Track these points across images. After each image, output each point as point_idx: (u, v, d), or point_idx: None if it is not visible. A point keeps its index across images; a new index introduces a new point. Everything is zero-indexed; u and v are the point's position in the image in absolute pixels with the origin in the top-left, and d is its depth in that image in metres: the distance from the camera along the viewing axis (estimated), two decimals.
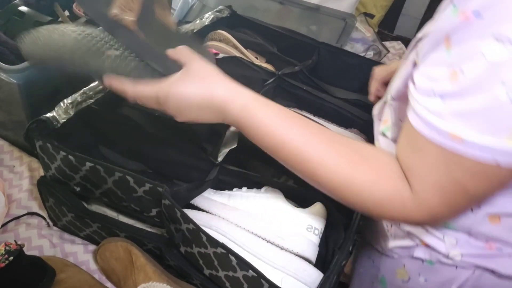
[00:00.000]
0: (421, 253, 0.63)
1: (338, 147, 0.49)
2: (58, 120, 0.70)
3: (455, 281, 0.61)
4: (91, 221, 0.71)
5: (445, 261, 0.61)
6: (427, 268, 0.63)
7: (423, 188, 0.45)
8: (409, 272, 0.65)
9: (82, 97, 0.75)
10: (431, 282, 0.63)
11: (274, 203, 0.65)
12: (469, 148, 0.41)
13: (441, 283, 0.62)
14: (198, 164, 0.73)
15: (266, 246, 0.62)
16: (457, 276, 0.60)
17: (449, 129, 0.41)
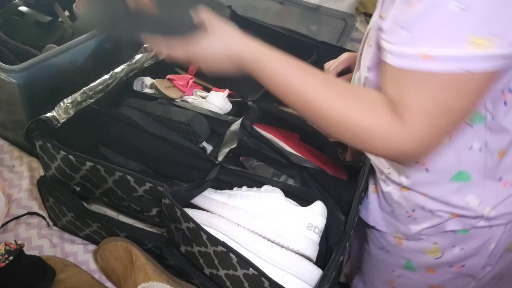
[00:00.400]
0: (453, 225, 0.64)
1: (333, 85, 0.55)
2: (58, 120, 0.70)
3: (492, 240, 0.63)
4: (91, 221, 0.71)
5: (480, 225, 0.62)
6: (461, 238, 0.64)
7: (409, 114, 0.47)
8: (442, 248, 0.67)
9: (82, 97, 0.75)
10: (467, 250, 0.65)
11: (274, 202, 0.65)
12: (440, 63, 0.44)
13: (478, 247, 0.64)
14: (198, 163, 0.73)
15: (267, 244, 0.62)
16: (492, 235, 0.62)
17: (418, 51, 0.45)
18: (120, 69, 0.83)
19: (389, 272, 0.76)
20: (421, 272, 0.71)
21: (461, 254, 0.66)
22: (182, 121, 0.78)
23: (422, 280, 0.72)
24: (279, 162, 0.78)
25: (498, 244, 0.63)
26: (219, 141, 0.78)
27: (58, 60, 0.86)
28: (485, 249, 0.64)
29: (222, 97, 0.88)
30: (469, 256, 0.65)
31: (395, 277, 0.75)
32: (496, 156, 0.58)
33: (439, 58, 0.44)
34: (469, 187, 0.60)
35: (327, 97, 0.53)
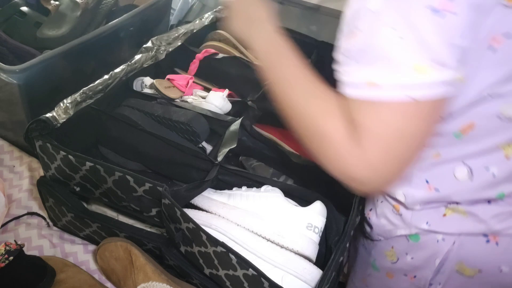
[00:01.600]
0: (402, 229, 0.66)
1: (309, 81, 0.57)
2: (57, 120, 0.70)
3: (438, 255, 0.63)
4: (90, 221, 0.71)
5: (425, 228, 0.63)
6: (412, 246, 0.65)
7: (365, 139, 0.46)
8: (397, 253, 0.68)
9: (82, 97, 0.75)
10: (417, 260, 0.65)
11: (274, 202, 0.65)
12: (386, 91, 0.45)
13: (426, 259, 0.64)
14: (197, 163, 0.73)
15: (266, 244, 0.62)
16: (438, 249, 0.62)
17: (365, 80, 0.46)
18: (120, 69, 0.83)
19: (364, 269, 0.77)
20: (383, 275, 0.72)
21: (412, 262, 0.66)
22: (181, 121, 0.78)
23: (384, 283, 0.72)
24: (278, 162, 0.78)
25: (446, 261, 0.62)
26: (219, 141, 0.78)
27: (58, 61, 0.86)
28: (431, 263, 0.63)
29: (222, 97, 0.88)
30: (419, 268, 0.65)
31: (367, 275, 0.76)
32: (431, 156, 0.58)
33: (384, 86, 0.44)
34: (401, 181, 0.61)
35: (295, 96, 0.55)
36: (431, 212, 0.62)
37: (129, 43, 1.04)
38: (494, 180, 0.56)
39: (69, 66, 0.89)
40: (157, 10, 1.12)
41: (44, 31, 1.03)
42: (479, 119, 0.53)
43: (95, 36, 0.92)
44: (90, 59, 0.96)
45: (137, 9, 1.06)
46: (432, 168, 0.60)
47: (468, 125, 0.54)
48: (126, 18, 1.01)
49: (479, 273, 0.61)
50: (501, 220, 0.58)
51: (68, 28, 1.03)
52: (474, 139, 0.55)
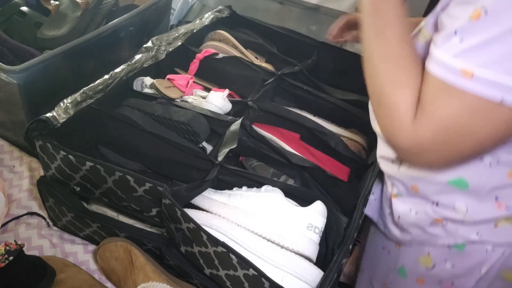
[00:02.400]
0: (441, 234, 0.63)
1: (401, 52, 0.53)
2: (58, 120, 0.70)
3: (485, 263, 0.61)
4: (91, 221, 0.71)
5: (475, 239, 0.60)
6: (454, 254, 0.63)
7: (422, 116, 0.47)
8: (434, 259, 0.66)
9: (82, 97, 0.75)
10: (459, 268, 0.63)
11: (274, 202, 0.65)
12: (478, 84, 0.42)
13: (470, 268, 0.63)
14: (198, 163, 0.73)
15: (267, 244, 0.62)
16: (487, 258, 0.61)
17: (461, 66, 0.43)
18: (120, 69, 0.83)
19: (385, 274, 0.75)
20: (412, 281, 0.70)
21: (452, 271, 0.64)
22: (182, 121, 0.78)
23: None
24: (279, 162, 0.78)
25: (491, 270, 0.62)
26: (219, 141, 0.78)
27: (58, 61, 0.86)
28: (476, 272, 0.62)
29: (222, 97, 0.88)
30: (460, 276, 0.64)
31: (389, 280, 0.75)
32: (505, 175, 0.56)
33: (480, 80, 0.42)
34: (463, 195, 0.59)
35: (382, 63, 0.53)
36: (481, 223, 0.60)
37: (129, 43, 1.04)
38: None
39: (69, 66, 0.89)
40: (157, 10, 1.12)
41: (44, 31, 1.03)
42: None
43: (95, 36, 0.92)
44: (90, 59, 0.96)
45: (137, 9, 1.06)
46: (507, 187, 0.57)
47: None
48: (126, 18, 1.01)
49: None
50: None
51: (68, 28, 1.03)
52: None
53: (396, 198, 0.68)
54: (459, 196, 0.60)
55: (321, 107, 0.92)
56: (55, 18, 1.06)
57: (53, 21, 1.05)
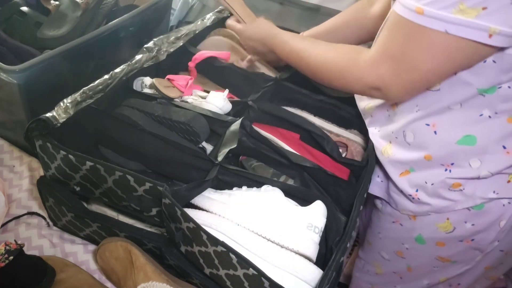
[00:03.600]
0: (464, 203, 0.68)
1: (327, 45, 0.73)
2: (58, 120, 0.70)
3: (503, 217, 0.66)
4: (91, 221, 0.71)
5: (492, 197, 0.65)
6: (474, 214, 0.68)
7: (378, 51, 0.60)
8: (454, 223, 0.70)
9: (82, 97, 0.75)
10: (479, 225, 0.68)
11: (274, 202, 0.65)
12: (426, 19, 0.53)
13: (490, 223, 0.67)
14: (197, 163, 0.73)
15: (267, 244, 0.62)
16: (505, 212, 0.66)
17: (415, 4, 0.53)
18: (120, 69, 0.83)
19: (398, 244, 0.79)
20: (431, 245, 0.74)
21: (472, 229, 0.68)
22: (181, 121, 0.78)
23: (431, 252, 0.75)
24: (278, 162, 0.78)
25: (509, 221, 0.66)
26: (219, 141, 0.78)
27: (58, 61, 0.86)
28: (495, 225, 0.67)
29: (222, 98, 0.88)
30: (480, 232, 0.68)
31: (404, 249, 0.78)
32: (505, 122, 0.61)
33: (427, 14, 0.52)
34: (474, 150, 0.64)
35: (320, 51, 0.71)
36: (497, 180, 0.65)
37: (129, 43, 1.04)
38: None
39: (69, 66, 0.89)
40: (157, 10, 1.12)
41: (44, 31, 1.03)
42: None
43: (95, 36, 0.93)
44: (90, 59, 0.96)
45: (137, 9, 1.06)
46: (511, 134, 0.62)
47: None
48: (126, 18, 1.01)
49: None
50: None
51: (68, 28, 1.03)
52: None
53: (409, 175, 0.72)
54: (470, 153, 0.64)
55: (320, 108, 0.93)
56: (55, 18, 1.06)
57: (53, 21, 1.05)
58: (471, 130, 0.63)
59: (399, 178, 0.73)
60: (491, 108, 0.61)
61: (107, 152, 0.82)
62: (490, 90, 0.60)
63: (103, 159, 0.82)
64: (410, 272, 0.81)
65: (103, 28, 0.95)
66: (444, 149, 0.66)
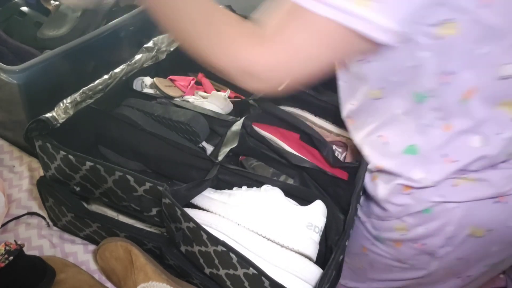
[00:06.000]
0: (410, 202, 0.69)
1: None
2: (57, 120, 0.70)
3: (450, 223, 0.66)
4: (91, 221, 0.71)
5: (438, 200, 0.66)
6: (425, 217, 0.68)
7: (266, 34, 0.51)
8: (409, 227, 0.71)
9: (82, 97, 0.75)
10: (430, 229, 0.68)
11: (274, 202, 0.65)
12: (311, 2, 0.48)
13: (438, 227, 0.68)
14: (197, 163, 0.73)
15: (267, 244, 0.62)
16: (451, 217, 0.66)
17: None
18: (120, 69, 0.83)
19: (364, 239, 0.80)
20: (389, 245, 0.76)
21: (424, 232, 0.69)
22: (181, 121, 0.78)
23: (390, 252, 0.76)
24: (278, 161, 0.78)
25: (457, 228, 0.66)
26: (220, 141, 0.78)
27: (58, 61, 0.86)
28: (443, 231, 0.67)
29: (224, 97, 0.88)
30: (430, 236, 0.69)
31: (368, 244, 0.80)
32: (443, 130, 0.62)
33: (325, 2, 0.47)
34: (417, 160, 0.65)
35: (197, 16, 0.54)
36: (443, 184, 0.65)
37: (129, 43, 1.04)
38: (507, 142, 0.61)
39: (69, 66, 0.89)
40: None
41: (44, 31, 1.03)
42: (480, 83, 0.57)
43: (95, 36, 0.92)
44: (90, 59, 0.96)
45: (137, 9, 1.06)
46: (449, 141, 0.62)
47: (469, 90, 0.58)
48: (126, 18, 1.01)
49: (489, 232, 0.66)
50: (509, 181, 0.63)
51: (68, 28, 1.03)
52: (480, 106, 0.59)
53: (376, 180, 0.74)
54: (415, 163, 0.65)
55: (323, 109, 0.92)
56: (55, 18, 1.05)
57: (53, 21, 1.05)
58: (413, 140, 0.64)
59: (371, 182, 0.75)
60: (427, 116, 0.62)
61: (107, 152, 0.82)
62: (423, 98, 0.60)
63: (103, 159, 0.82)
64: (372, 269, 0.82)
65: (103, 28, 0.95)
66: (394, 160, 0.68)
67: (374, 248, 0.78)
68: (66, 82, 0.88)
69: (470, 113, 0.60)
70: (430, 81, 0.58)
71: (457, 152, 0.63)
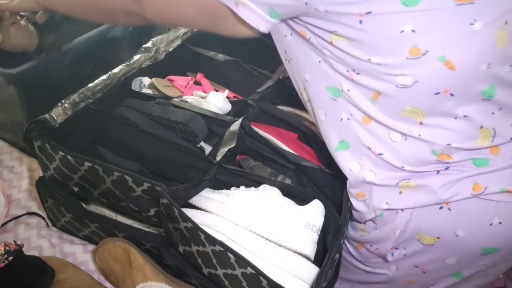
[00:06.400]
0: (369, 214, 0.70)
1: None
2: (56, 121, 0.70)
3: (398, 226, 0.67)
4: (89, 221, 0.71)
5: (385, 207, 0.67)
6: (379, 221, 0.69)
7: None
8: (368, 228, 0.72)
9: (80, 98, 0.75)
10: (382, 232, 0.70)
11: (272, 201, 0.65)
12: None
13: (388, 231, 0.68)
14: (196, 163, 0.73)
15: (265, 243, 0.62)
16: (399, 221, 0.67)
17: None
18: (118, 69, 0.83)
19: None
20: (353, 245, 0.77)
21: (378, 235, 0.70)
22: (179, 121, 0.79)
23: (353, 253, 0.78)
24: (276, 161, 0.78)
25: (406, 231, 0.67)
26: (218, 141, 0.78)
27: (57, 61, 0.86)
28: (392, 235, 0.68)
29: (222, 98, 0.88)
30: (382, 240, 0.70)
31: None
32: (361, 122, 0.63)
33: None
34: (350, 154, 0.66)
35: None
36: (388, 192, 0.66)
37: (128, 43, 1.04)
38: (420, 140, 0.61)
39: (68, 67, 0.89)
40: None
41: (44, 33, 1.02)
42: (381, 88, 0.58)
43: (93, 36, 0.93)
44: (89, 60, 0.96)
45: None
46: (369, 134, 0.63)
47: (376, 92, 0.59)
48: None
49: (438, 240, 0.66)
50: (447, 188, 0.62)
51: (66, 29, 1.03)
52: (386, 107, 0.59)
53: None
54: (349, 158, 0.66)
55: None
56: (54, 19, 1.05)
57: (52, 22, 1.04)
58: (341, 136, 0.66)
59: None
60: (345, 111, 0.63)
61: (106, 153, 0.82)
62: (337, 95, 0.62)
63: (101, 159, 0.82)
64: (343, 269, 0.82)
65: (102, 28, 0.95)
66: (332, 159, 0.69)
67: (344, 246, 0.79)
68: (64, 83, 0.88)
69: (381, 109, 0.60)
70: (337, 79, 0.60)
71: (380, 145, 0.63)
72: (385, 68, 0.55)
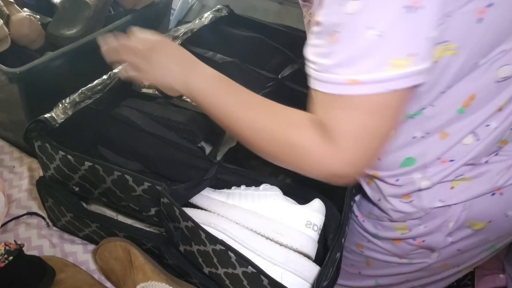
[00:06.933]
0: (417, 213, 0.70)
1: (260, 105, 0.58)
2: (56, 120, 0.70)
3: (451, 219, 0.68)
4: (90, 221, 0.71)
5: (439, 205, 0.68)
6: (425, 218, 0.70)
7: (341, 139, 0.49)
8: (410, 226, 0.72)
9: (81, 97, 0.75)
10: (430, 227, 0.70)
11: (273, 200, 0.65)
12: (368, 86, 0.47)
13: (439, 225, 0.69)
14: (196, 163, 0.73)
15: (265, 242, 0.62)
16: (451, 214, 0.68)
17: (345, 78, 0.47)
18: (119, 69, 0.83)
19: (360, 237, 0.81)
20: (388, 242, 0.77)
21: (424, 230, 0.71)
22: (180, 121, 0.79)
23: (387, 248, 0.77)
24: None
25: (457, 223, 0.68)
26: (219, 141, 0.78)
27: (58, 61, 0.86)
28: (444, 227, 0.69)
29: None
30: (430, 233, 0.71)
31: (365, 242, 0.81)
32: (438, 139, 0.63)
33: (366, 82, 0.46)
34: (414, 169, 0.67)
35: (254, 115, 0.56)
36: (439, 189, 0.67)
37: None
38: (495, 132, 0.62)
39: (69, 66, 0.90)
40: (157, 10, 1.13)
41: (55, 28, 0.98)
42: (479, 89, 0.58)
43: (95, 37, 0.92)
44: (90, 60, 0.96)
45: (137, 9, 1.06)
46: (443, 147, 0.64)
47: (469, 97, 0.59)
48: (127, 18, 1.01)
49: (488, 224, 0.68)
50: (502, 175, 0.65)
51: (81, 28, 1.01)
52: (476, 108, 0.60)
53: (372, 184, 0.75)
54: (412, 171, 0.67)
55: None
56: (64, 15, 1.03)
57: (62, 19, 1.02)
58: (409, 153, 0.66)
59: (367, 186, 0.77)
60: (421, 129, 0.63)
61: (106, 152, 0.82)
62: (416, 114, 0.61)
63: (101, 159, 0.82)
64: (368, 267, 0.83)
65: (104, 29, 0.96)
66: (390, 172, 0.69)
67: (371, 245, 0.79)
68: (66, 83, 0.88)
69: (467, 118, 0.61)
70: (425, 99, 0.59)
71: (453, 153, 0.64)
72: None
